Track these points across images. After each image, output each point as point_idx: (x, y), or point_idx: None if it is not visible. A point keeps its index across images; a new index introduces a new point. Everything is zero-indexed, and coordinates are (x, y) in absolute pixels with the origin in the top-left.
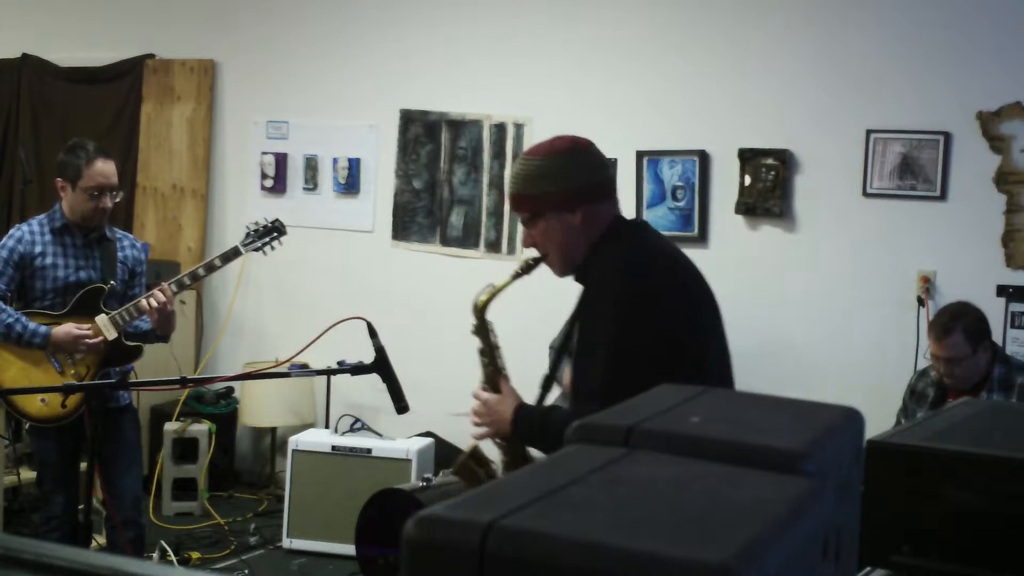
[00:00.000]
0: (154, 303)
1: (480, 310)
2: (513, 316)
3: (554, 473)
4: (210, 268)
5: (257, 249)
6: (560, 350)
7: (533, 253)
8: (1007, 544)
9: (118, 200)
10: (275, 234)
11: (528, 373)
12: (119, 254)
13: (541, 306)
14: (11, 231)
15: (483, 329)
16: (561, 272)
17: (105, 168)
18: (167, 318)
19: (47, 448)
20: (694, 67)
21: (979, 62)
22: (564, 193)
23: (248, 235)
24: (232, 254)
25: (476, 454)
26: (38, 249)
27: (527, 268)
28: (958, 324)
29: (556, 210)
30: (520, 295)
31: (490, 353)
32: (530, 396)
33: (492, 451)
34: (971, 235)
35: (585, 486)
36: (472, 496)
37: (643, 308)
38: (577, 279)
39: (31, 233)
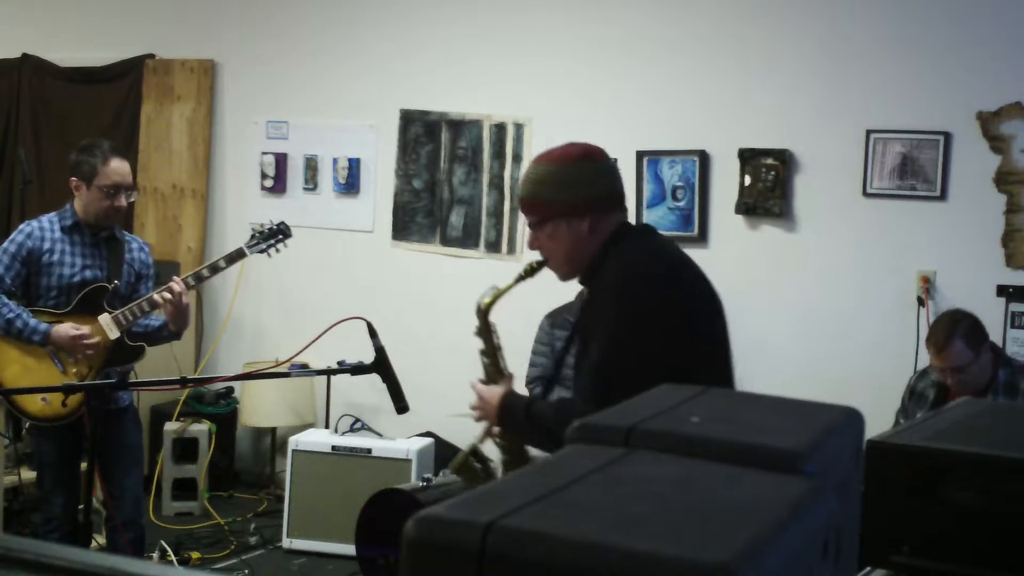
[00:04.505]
0: (168, 295)
1: (484, 312)
2: (518, 318)
3: (554, 473)
4: (214, 269)
5: (262, 251)
6: (562, 351)
7: (537, 256)
8: (1007, 544)
9: (132, 200)
10: (280, 236)
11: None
12: (126, 256)
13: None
14: (20, 226)
15: (486, 330)
16: (564, 276)
17: (121, 167)
18: (181, 312)
19: (48, 449)
20: (694, 67)
21: (979, 62)
22: (574, 201)
23: (253, 237)
24: (236, 255)
25: (476, 452)
26: (46, 246)
27: (531, 271)
28: (956, 332)
29: (565, 217)
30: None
31: (492, 354)
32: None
33: (494, 452)
34: (971, 235)
35: (585, 486)
36: (472, 496)
37: (639, 331)
38: (581, 282)
39: (40, 229)
